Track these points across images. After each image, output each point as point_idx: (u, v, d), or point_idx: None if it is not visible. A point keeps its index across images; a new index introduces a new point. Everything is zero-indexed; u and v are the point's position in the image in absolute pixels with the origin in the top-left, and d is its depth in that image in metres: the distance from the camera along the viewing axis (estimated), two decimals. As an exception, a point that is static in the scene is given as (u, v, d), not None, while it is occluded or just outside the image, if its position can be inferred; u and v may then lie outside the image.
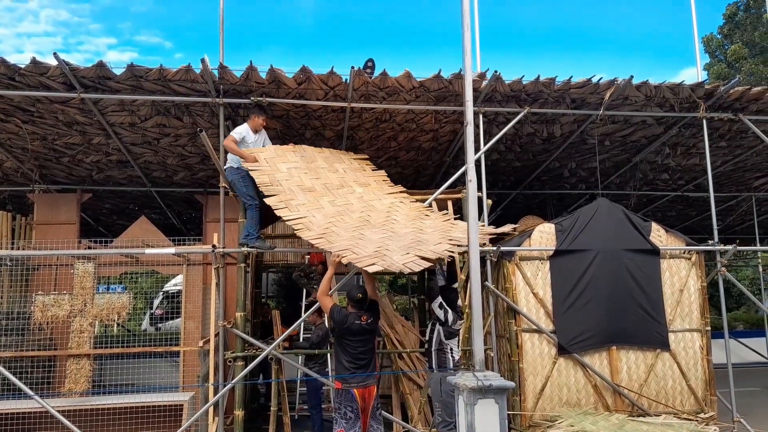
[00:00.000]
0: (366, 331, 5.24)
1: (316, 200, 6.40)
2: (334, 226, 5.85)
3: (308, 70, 6.29)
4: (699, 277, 7.27)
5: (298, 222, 5.94)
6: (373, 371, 5.25)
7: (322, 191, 6.60)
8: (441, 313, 5.67)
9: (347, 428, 5.03)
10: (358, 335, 5.20)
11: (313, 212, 6.14)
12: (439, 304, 5.69)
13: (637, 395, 6.84)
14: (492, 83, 6.67)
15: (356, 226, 5.91)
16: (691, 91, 7.10)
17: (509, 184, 10.25)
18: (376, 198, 6.67)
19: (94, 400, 6.35)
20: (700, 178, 9.87)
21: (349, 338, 5.20)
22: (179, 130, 7.38)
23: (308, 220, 5.99)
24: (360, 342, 5.22)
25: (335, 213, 6.19)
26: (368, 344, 5.29)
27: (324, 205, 6.33)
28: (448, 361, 5.59)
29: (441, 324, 5.67)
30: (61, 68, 5.91)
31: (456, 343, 5.68)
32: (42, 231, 8.18)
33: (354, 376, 5.09)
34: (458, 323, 5.71)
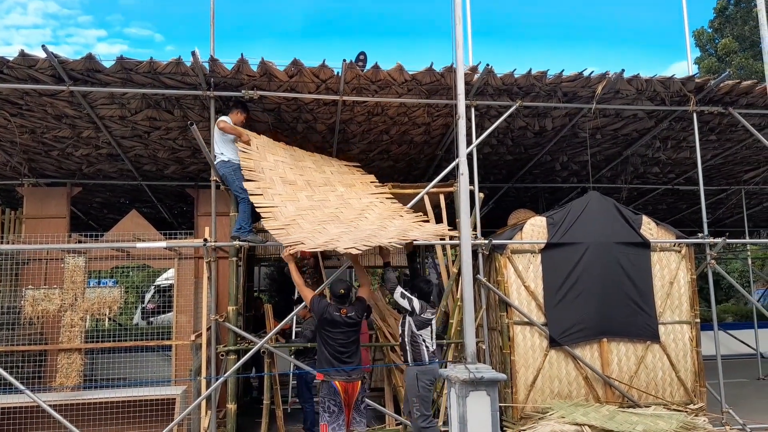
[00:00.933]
0: (346, 324, 5.18)
1: (294, 193, 6.45)
2: (301, 219, 5.90)
3: (300, 63, 6.26)
4: (689, 270, 7.33)
5: (268, 210, 6.00)
6: (358, 365, 5.21)
7: (303, 186, 6.65)
8: (405, 303, 5.52)
9: (330, 422, 5.02)
10: (338, 327, 5.16)
11: (286, 203, 6.20)
12: (401, 293, 5.54)
13: (628, 387, 6.90)
14: (484, 76, 6.67)
15: (322, 220, 5.96)
16: (682, 84, 7.13)
17: (501, 177, 10.27)
18: (356, 197, 6.71)
19: (85, 395, 6.33)
20: (690, 172, 9.94)
21: (328, 329, 5.17)
22: (170, 123, 7.34)
23: (279, 210, 6.04)
24: (341, 335, 5.17)
25: (308, 207, 6.24)
26: (350, 338, 5.23)
27: (300, 199, 6.38)
28: (423, 354, 5.45)
29: (409, 314, 5.54)
30: (49, 61, 5.85)
31: (429, 333, 5.53)
32: (31, 225, 8.12)
33: (337, 370, 5.07)
34: (428, 311, 5.55)
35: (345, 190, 6.85)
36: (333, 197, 6.64)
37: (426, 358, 5.44)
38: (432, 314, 5.61)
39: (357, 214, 6.27)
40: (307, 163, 7.17)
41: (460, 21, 5.23)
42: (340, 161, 7.65)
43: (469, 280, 5.17)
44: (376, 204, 6.66)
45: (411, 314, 5.52)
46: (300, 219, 5.92)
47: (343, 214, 6.20)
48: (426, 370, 5.41)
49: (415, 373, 5.42)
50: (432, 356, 5.49)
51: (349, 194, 6.78)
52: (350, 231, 5.66)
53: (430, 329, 5.56)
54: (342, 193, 6.77)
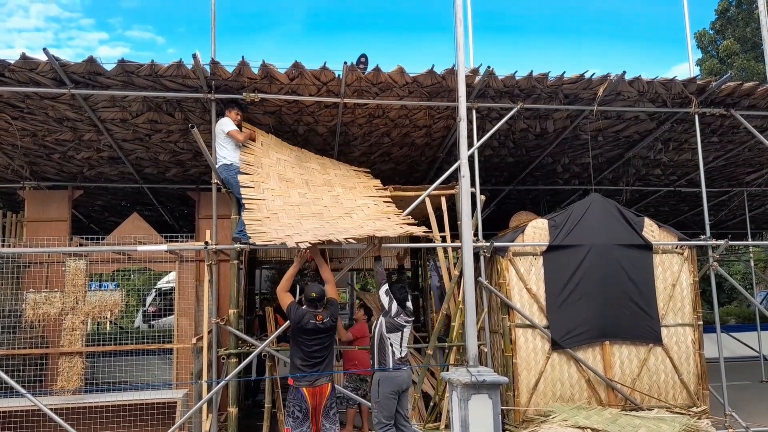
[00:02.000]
0: (321, 331, 5.10)
1: (288, 189, 6.51)
2: (283, 213, 5.97)
3: (301, 66, 6.26)
4: (691, 272, 7.30)
5: (253, 202, 6.09)
6: (326, 370, 5.12)
7: (300, 184, 6.72)
8: (386, 301, 5.39)
9: (294, 427, 4.94)
10: (313, 334, 5.08)
11: (276, 198, 6.25)
12: (386, 290, 5.43)
13: (630, 389, 6.88)
14: (485, 79, 6.66)
15: (304, 216, 6.01)
16: (684, 86, 7.11)
17: (502, 179, 10.26)
18: (351, 198, 6.73)
19: (86, 398, 6.31)
20: (692, 174, 9.92)
21: (303, 337, 5.10)
22: (171, 126, 7.34)
23: (264, 203, 6.12)
24: (315, 341, 5.10)
25: (297, 203, 6.30)
26: (324, 343, 5.15)
27: (291, 195, 6.43)
28: (388, 359, 5.29)
29: (383, 314, 5.42)
30: (50, 64, 5.85)
31: (399, 339, 5.35)
32: (33, 228, 8.11)
33: (305, 375, 5.00)
34: (401, 317, 5.37)
35: (342, 192, 6.87)
36: (327, 197, 6.67)
37: (390, 364, 5.27)
38: (406, 321, 5.41)
39: (343, 213, 6.28)
40: (313, 164, 7.22)
41: (461, 24, 5.22)
42: (349, 166, 7.65)
43: (471, 283, 5.16)
44: (370, 206, 6.65)
45: (385, 314, 5.39)
46: (282, 213, 6.00)
47: (329, 212, 6.24)
48: (389, 377, 5.24)
49: (378, 378, 5.30)
50: (398, 363, 5.30)
51: (346, 195, 6.80)
52: (323, 228, 5.67)
53: (401, 335, 5.37)
54: (338, 194, 6.80)
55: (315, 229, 5.65)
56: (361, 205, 6.62)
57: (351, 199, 6.72)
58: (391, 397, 5.22)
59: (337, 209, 6.38)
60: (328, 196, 6.71)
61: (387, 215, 6.45)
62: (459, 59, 5.19)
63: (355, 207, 6.53)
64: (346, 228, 5.74)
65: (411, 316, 5.49)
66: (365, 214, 6.36)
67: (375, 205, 6.70)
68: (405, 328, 5.40)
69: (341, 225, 5.92)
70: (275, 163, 6.89)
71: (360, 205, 6.62)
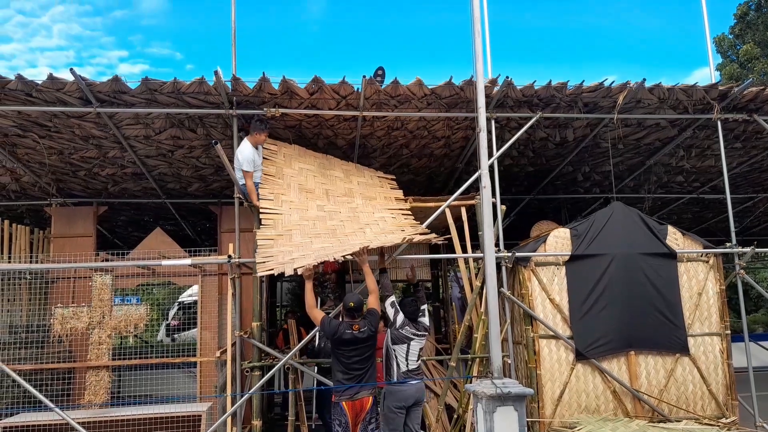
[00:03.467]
0: (359, 341, 5.05)
1: (306, 201, 6.58)
2: (298, 230, 6.05)
3: (320, 80, 6.32)
4: (717, 280, 7.19)
5: (269, 218, 6.20)
6: (368, 382, 5.06)
7: (320, 195, 6.77)
8: (391, 312, 5.38)
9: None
10: (351, 345, 5.05)
11: (293, 212, 6.33)
12: (391, 302, 5.41)
13: (658, 401, 6.76)
14: (503, 89, 6.67)
15: (317, 233, 6.08)
16: (705, 92, 7.05)
17: (522, 189, 10.22)
18: (369, 211, 6.72)
19: (113, 412, 6.38)
20: (715, 180, 9.79)
21: (342, 348, 5.08)
22: (193, 141, 7.45)
23: (281, 219, 6.21)
24: (354, 352, 5.05)
25: (314, 217, 6.36)
26: (363, 354, 5.08)
27: (309, 208, 6.49)
28: (393, 372, 5.28)
29: (390, 325, 5.40)
30: (77, 83, 5.99)
31: (405, 351, 5.34)
32: (59, 244, 8.27)
33: (346, 388, 4.98)
34: (408, 329, 5.37)
35: (362, 203, 6.87)
36: (346, 209, 6.68)
37: (395, 377, 5.25)
38: (413, 334, 5.37)
39: (357, 228, 6.29)
40: (336, 172, 7.25)
41: (479, 35, 5.24)
42: (374, 172, 7.65)
43: (494, 294, 5.14)
44: (387, 219, 6.63)
45: (391, 326, 5.39)
46: (296, 230, 6.07)
47: (342, 229, 6.27)
48: (393, 390, 5.22)
49: (383, 391, 5.29)
50: (404, 376, 5.25)
51: (365, 207, 6.79)
52: (332, 246, 5.71)
53: (406, 347, 5.34)
54: (357, 205, 6.79)
55: (323, 249, 5.69)
56: (378, 218, 6.62)
57: (369, 212, 6.72)
58: (396, 410, 5.18)
59: (352, 224, 6.38)
60: (346, 208, 6.73)
61: (402, 228, 6.43)
62: (478, 70, 5.21)
63: (371, 221, 6.53)
64: (352, 245, 5.77)
65: (423, 331, 5.45)
66: (380, 228, 6.35)
67: (393, 218, 6.69)
68: (412, 340, 5.37)
69: (351, 242, 5.93)
70: (297, 173, 6.96)
71: (377, 218, 6.62)
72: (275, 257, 5.66)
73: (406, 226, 6.51)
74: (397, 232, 6.27)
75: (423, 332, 5.46)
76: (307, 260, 5.27)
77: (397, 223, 6.61)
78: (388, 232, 6.25)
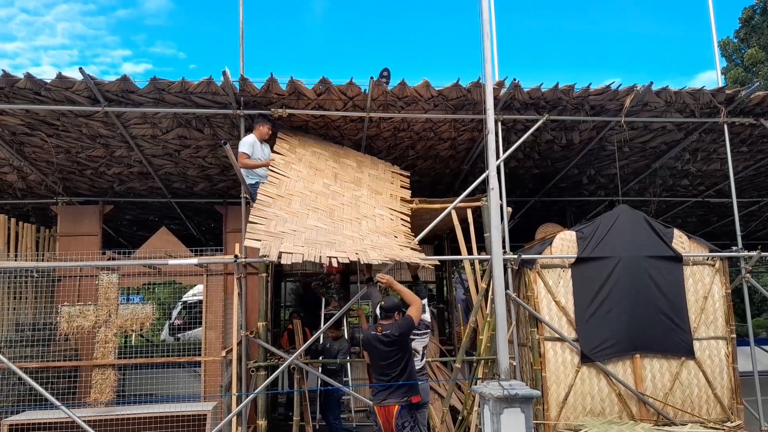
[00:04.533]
0: (381, 342, 4.90)
1: (314, 176, 6.60)
2: (297, 198, 6.15)
3: (328, 81, 6.34)
4: (723, 284, 7.17)
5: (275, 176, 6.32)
6: (397, 389, 4.89)
7: (328, 175, 6.78)
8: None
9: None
10: (372, 346, 4.98)
11: (300, 179, 6.41)
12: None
13: (663, 404, 6.76)
14: (510, 91, 6.68)
15: (314, 207, 6.13)
16: (712, 96, 7.05)
17: (527, 191, 10.22)
18: (371, 204, 6.65)
19: (119, 410, 6.39)
20: (721, 184, 9.78)
21: (367, 348, 5.11)
22: (200, 141, 7.46)
23: (287, 182, 6.30)
24: (377, 353, 4.95)
25: (317, 191, 6.39)
26: (389, 358, 4.90)
27: (315, 182, 6.51)
28: None
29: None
30: (86, 82, 6.01)
31: None
32: (65, 243, 8.28)
33: (378, 392, 4.99)
34: None
35: (367, 194, 6.81)
36: (350, 195, 6.64)
37: None
38: (414, 333, 5.30)
39: (354, 217, 6.26)
40: (350, 161, 7.27)
41: (488, 37, 5.25)
42: (389, 166, 7.64)
43: (501, 296, 5.14)
44: (384, 218, 6.54)
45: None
46: (297, 197, 6.14)
47: (341, 212, 6.26)
48: None
49: None
50: None
51: (368, 199, 6.74)
52: (325, 229, 5.75)
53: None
54: (362, 195, 6.75)
55: (316, 229, 5.69)
56: (377, 215, 6.51)
57: (370, 205, 6.64)
58: None
59: (350, 211, 6.33)
60: (351, 194, 6.66)
61: (395, 234, 6.28)
62: (486, 73, 5.22)
63: (369, 215, 6.44)
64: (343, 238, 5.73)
65: (424, 328, 5.42)
66: (375, 225, 6.28)
67: (390, 219, 6.55)
68: (413, 340, 5.34)
69: (345, 231, 5.90)
70: (310, 154, 6.98)
71: (376, 214, 6.52)
72: (269, 221, 5.61)
73: (400, 233, 6.33)
74: (389, 236, 6.16)
75: (424, 330, 5.43)
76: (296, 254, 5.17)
77: (393, 225, 6.47)
78: (381, 233, 6.18)
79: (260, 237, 5.35)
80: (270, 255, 5.13)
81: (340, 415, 7.58)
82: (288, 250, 5.20)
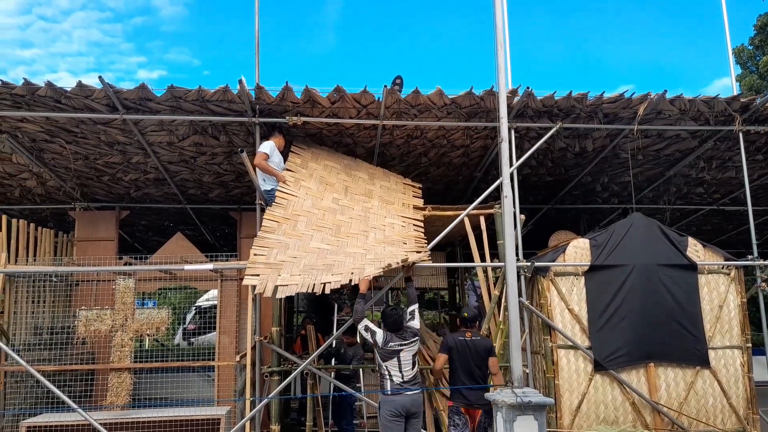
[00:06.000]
0: (469, 348, 5.59)
1: (324, 192, 6.68)
2: (304, 218, 6.24)
3: (342, 90, 6.40)
4: (738, 293, 7.13)
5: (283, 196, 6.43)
6: (482, 393, 5.42)
7: (338, 189, 6.83)
8: (368, 336, 5.29)
9: None
10: (464, 352, 5.61)
11: (308, 197, 6.52)
12: (364, 327, 5.30)
13: (677, 413, 6.71)
14: (524, 99, 6.70)
15: (321, 226, 6.21)
16: (727, 104, 7.03)
17: (540, 199, 10.22)
18: (381, 214, 6.68)
19: (134, 414, 6.46)
20: (736, 192, 9.71)
21: (458, 355, 5.64)
22: (215, 148, 7.55)
23: (295, 201, 6.40)
24: (468, 359, 5.61)
25: (325, 208, 6.47)
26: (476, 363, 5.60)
27: (325, 198, 6.58)
28: (386, 384, 5.23)
29: (374, 346, 5.36)
30: (105, 90, 6.12)
31: (397, 364, 5.23)
32: (82, 247, 8.41)
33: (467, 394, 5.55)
34: (394, 342, 5.25)
35: (378, 205, 6.85)
36: (360, 207, 6.68)
37: (388, 389, 5.22)
38: (400, 345, 5.27)
39: (362, 230, 6.31)
40: (361, 173, 7.33)
41: (502, 46, 5.29)
42: (401, 178, 7.67)
43: (514, 303, 5.15)
44: (395, 226, 6.56)
45: (375, 346, 5.34)
46: (304, 217, 6.22)
47: (349, 227, 6.32)
48: (386, 400, 5.20)
49: (379, 402, 5.35)
50: (397, 388, 5.20)
51: (379, 210, 6.77)
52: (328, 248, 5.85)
53: (397, 360, 5.25)
54: (372, 206, 6.78)
55: (317, 252, 5.77)
56: (387, 224, 6.53)
57: (381, 215, 6.67)
58: (391, 420, 5.14)
59: (358, 224, 6.38)
60: (361, 206, 6.70)
61: (405, 240, 6.30)
62: (500, 81, 5.25)
63: (378, 225, 6.48)
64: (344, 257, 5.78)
65: (412, 337, 5.34)
66: (384, 235, 6.31)
67: (402, 227, 6.58)
68: (401, 351, 5.27)
69: (348, 248, 5.94)
70: (322, 167, 7.06)
71: (386, 223, 6.53)
72: (270, 250, 5.71)
73: (411, 239, 6.35)
74: (398, 244, 6.18)
75: (412, 338, 5.32)
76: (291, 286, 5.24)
77: (403, 233, 6.48)
78: (390, 242, 6.21)
79: (259, 271, 5.45)
80: (265, 292, 5.21)
81: (353, 421, 7.60)
82: (284, 282, 5.29)
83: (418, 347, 5.42)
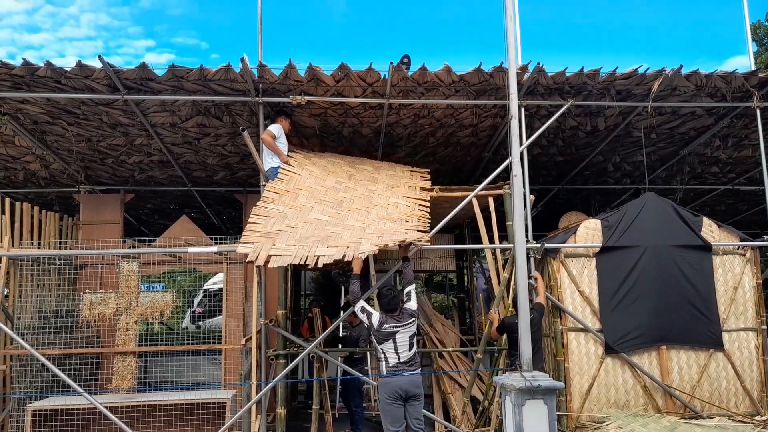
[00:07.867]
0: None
1: (326, 176, 6.61)
2: (304, 193, 6.21)
3: (347, 67, 6.23)
4: (754, 274, 6.96)
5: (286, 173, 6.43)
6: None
7: (341, 174, 6.78)
8: (364, 318, 5.20)
9: None
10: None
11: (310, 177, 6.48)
12: (361, 308, 5.22)
13: (690, 396, 6.60)
14: (534, 76, 6.50)
15: (321, 200, 6.15)
16: (744, 80, 6.79)
17: (551, 179, 10.03)
18: (385, 195, 6.57)
19: (139, 397, 6.44)
20: (752, 171, 9.47)
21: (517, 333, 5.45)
22: (219, 129, 7.43)
23: (297, 178, 6.34)
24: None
25: (328, 186, 6.40)
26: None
27: (327, 180, 6.51)
28: (382, 367, 5.12)
29: (369, 329, 5.26)
30: (105, 70, 5.99)
31: (393, 346, 5.10)
32: (87, 231, 8.36)
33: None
34: (390, 323, 5.13)
35: (382, 187, 6.77)
36: (364, 189, 6.61)
37: (384, 372, 5.11)
38: (396, 326, 5.14)
39: (365, 206, 6.21)
40: (367, 166, 7.32)
41: (512, 19, 5.10)
42: (408, 168, 7.56)
43: (524, 286, 5.02)
44: (399, 205, 6.42)
45: (371, 328, 5.22)
46: (305, 191, 6.15)
47: (351, 203, 6.24)
48: (384, 383, 5.09)
49: (377, 385, 5.26)
50: (393, 370, 5.08)
51: (383, 191, 6.67)
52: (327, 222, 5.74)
53: (392, 342, 5.11)
54: (376, 189, 6.70)
55: (316, 222, 5.66)
56: (391, 203, 6.39)
57: (385, 196, 6.56)
58: (391, 402, 5.04)
59: (362, 201, 6.27)
60: (365, 188, 6.61)
61: (408, 218, 6.14)
62: (510, 57, 5.07)
63: (381, 204, 6.34)
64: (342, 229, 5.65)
65: (409, 318, 5.20)
66: (386, 213, 6.17)
67: (406, 206, 6.42)
68: (397, 333, 5.15)
69: (348, 221, 5.84)
70: (325, 161, 7.06)
71: (390, 203, 6.40)
72: (268, 219, 5.63)
73: (414, 218, 6.19)
74: (400, 221, 6.02)
75: (409, 320, 5.18)
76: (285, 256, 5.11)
77: (407, 211, 6.33)
78: (391, 219, 6.05)
79: (254, 239, 5.34)
80: (258, 260, 5.09)
81: (362, 404, 7.55)
82: (278, 252, 5.16)
83: (416, 329, 5.28)
